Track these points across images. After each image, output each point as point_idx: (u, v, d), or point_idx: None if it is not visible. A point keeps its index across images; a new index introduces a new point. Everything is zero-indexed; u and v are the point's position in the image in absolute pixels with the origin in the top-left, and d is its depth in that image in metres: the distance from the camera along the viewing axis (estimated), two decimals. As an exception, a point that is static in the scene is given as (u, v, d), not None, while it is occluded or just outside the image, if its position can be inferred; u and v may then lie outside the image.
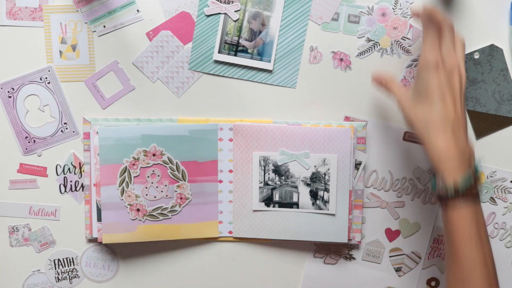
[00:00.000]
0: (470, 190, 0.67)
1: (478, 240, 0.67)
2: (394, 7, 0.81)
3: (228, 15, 0.81)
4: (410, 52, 0.82)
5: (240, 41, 0.81)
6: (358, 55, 0.81)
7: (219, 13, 0.81)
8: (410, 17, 0.81)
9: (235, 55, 0.81)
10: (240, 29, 0.81)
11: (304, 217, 0.82)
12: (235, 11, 0.81)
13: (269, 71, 0.82)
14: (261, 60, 0.82)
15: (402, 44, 0.81)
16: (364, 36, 0.81)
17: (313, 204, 0.82)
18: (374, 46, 0.81)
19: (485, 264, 0.67)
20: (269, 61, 0.82)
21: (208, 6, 0.81)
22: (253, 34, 0.81)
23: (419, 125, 0.69)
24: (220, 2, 0.81)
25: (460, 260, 0.68)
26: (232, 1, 0.80)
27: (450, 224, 0.68)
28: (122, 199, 0.81)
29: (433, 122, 0.68)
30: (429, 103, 0.68)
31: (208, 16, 0.81)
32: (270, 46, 0.82)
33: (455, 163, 0.67)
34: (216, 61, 0.82)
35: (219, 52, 0.81)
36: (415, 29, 0.81)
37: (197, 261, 0.85)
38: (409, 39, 0.81)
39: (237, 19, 0.81)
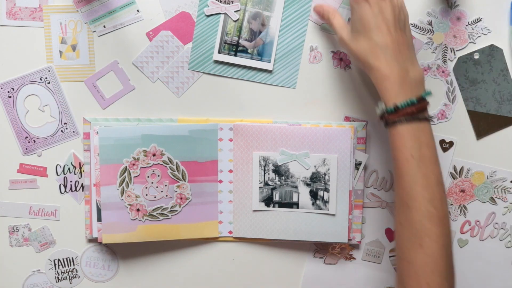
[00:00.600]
0: (412, 109, 0.68)
1: (418, 158, 0.67)
2: (471, 23, 0.81)
3: (228, 15, 0.81)
4: (446, 64, 0.82)
5: (240, 41, 0.81)
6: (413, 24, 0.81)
7: (219, 13, 0.81)
8: (470, 42, 0.81)
9: (235, 55, 0.81)
10: (240, 29, 0.81)
11: (304, 217, 0.82)
12: (235, 11, 0.81)
13: (269, 71, 0.82)
14: (261, 60, 0.82)
15: (446, 52, 0.81)
16: (431, 17, 0.79)
17: (313, 204, 0.82)
18: (428, 32, 0.81)
19: (427, 183, 0.67)
20: (269, 61, 0.82)
21: (208, 6, 0.81)
22: (253, 34, 0.81)
23: (360, 56, 0.72)
24: (220, 2, 0.81)
25: (402, 178, 0.68)
26: (232, 1, 0.80)
27: (391, 141, 0.69)
28: (122, 199, 0.81)
29: (372, 50, 0.70)
30: (366, 36, 0.71)
31: (208, 16, 0.81)
32: (270, 46, 0.81)
33: (396, 86, 0.69)
34: (216, 61, 0.82)
35: (219, 52, 0.81)
36: (461, 57, 0.81)
37: (197, 261, 0.85)
38: (450, 61, 0.81)
39: (237, 19, 0.81)
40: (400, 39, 0.70)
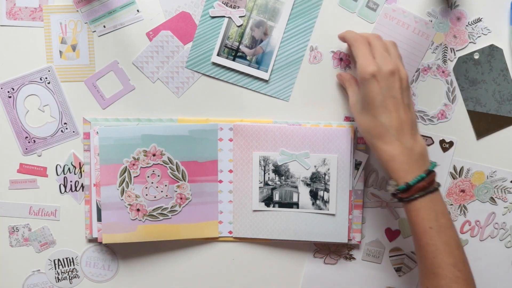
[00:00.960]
0: (424, 184, 0.69)
1: (437, 228, 0.69)
2: (471, 23, 0.81)
3: (232, 19, 0.81)
4: (446, 64, 0.82)
5: (240, 47, 0.81)
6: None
7: (224, 16, 0.81)
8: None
9: (234, 60, 0.81)
10: (242, 35, 0.81)
11: (304, 217, 0.82)
12: (239, 17, 0.81)
13: (265, 81, 0.82)
14: (258, 68, 0.82)
15: (446, 52, 0.81)
16: (431, 17, 0.79)
17: (313, 204, 0.82)
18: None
19: (448, 249, 0.68)
20: (266, 71, 0.82)
21: (214, 8, 0.81)
22: (254, 42, 0.81)
23: (364, 133, 0.73)
24: (226, 5, 0.80)
25: (424, 248, 0.69)
26: (238, 6, 0.80)
27: (409, 216, 0.71)
28: (122, 199, 0.81)
29: (376, 131, 0.70)
30: (371, 113, 0.70)
31: (212, 17, 0.81)
32: (269, 56, 0.81)
33: (403, 165, 0.69)
34: (214, 63, 0.82)
35: (218, 54, 0.81)
36: (461, 58, 0.81)
37: (197, 261, 0.85)
38: (451, 61, 0.82)
39: (241, 25, 0.81)
40: (404, 117, 0.70)
